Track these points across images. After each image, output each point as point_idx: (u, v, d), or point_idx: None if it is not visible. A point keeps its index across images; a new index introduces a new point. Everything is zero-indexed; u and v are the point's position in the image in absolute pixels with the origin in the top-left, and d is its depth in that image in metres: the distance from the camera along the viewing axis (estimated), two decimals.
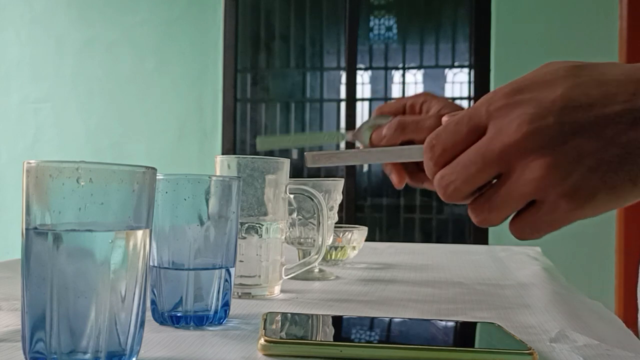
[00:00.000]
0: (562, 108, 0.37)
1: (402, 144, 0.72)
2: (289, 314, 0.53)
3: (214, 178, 0.54)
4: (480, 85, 3.09)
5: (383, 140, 0.71)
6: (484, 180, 0.40)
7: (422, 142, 0.73)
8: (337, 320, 0.52)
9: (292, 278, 0.74)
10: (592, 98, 0.37)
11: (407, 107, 0.74)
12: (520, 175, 0.38)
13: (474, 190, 0.41)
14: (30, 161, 0.38)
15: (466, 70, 3.27)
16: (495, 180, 0.41)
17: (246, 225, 0.65)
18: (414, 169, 0.72)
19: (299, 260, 0.74)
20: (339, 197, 0.84)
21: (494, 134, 0.39)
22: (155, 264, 0.52)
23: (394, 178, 0.72)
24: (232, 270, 0.55)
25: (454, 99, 3.35)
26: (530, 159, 0.37)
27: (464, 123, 0.40)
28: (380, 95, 3.39)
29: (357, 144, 0.76)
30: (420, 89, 3.43)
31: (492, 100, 0.39)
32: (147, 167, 0.40)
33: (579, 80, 0.38)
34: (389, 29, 3.39)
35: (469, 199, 0.42)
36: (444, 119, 0.44)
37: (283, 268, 0.69)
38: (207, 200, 0.53)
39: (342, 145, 2.99)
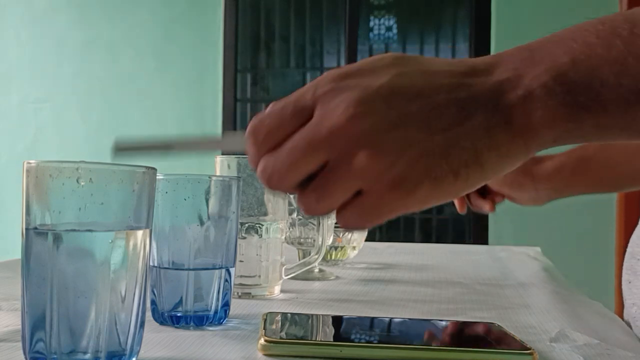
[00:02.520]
0: (388, 95, 0.36)
1: None
2: (289, 314, 0.53)
3: (214, 178, 0.54)
4: None
5: None
6: (311, 167, 0.37)
7: None
8: (337, 320, 0.52)
9: (292, 278, 0.74)
10: (418, 87, 0.36)
11: None
12: (347, 163, 0.36)
13: (302, 179, 0.38)
14: (30, 161, 0.38)
15: None
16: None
17: (246, 225, 0.65)
18: (475, 196, 0.80)
19: (299, 260, 0.74)
20: None
21: (320, 118, 0.37)
22: (155, 264, 0.52)
23: (457, 204, 0.78)
24: (232, 270, 0.55)
25: None
26: (355, 146, 0.36)
27: (289, 107, 0.38)
28: None
29: None
30: None
31: (319, 84, 0.38)
32: (147, 167, 0.40)
33: (406, 70, 0.37)
34: (389, 29, 3.39)
35: (296, 189, 0.39)
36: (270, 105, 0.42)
37: (283, 268, 0.69)
38: (207, 200, 0.53)
39: None
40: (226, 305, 0.54)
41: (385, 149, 0.36)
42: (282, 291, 0.70)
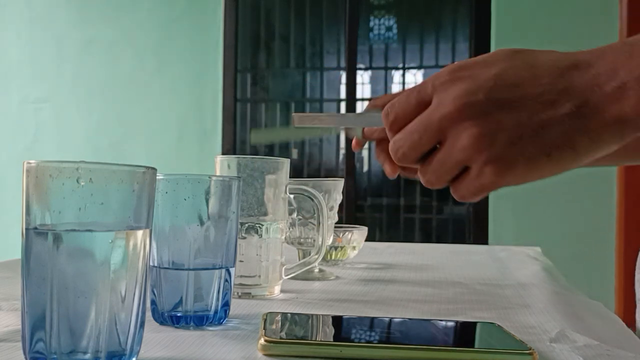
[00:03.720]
0: (493, 86, 0.42)
1: None
2: (289, 314, 0.53)
3: (214, 178, 0.54)
4: None
5: (375, 134, 0.71)
6: (427, 147, 0.45)
7: None
8: (337, 320, 0.52)
9: (292, 278, 0.74)
10: (521, 78, 0.42)
11: None
12: (454, 143, 0.43)
13: (421, 156, 0.46)
14: (30, 161, 0.38)
15: None
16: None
17: (246, 225, 0.65)
18: None
19: (299, 260, 0.74)
20: (339, 197, 0.84)
21: (435, 106, 0.44)
22: (155, 264, 0.52)
23: (387, 168, 0.74)
24: (232, 270, 0.55)
25: None
26: (461, 129, 0.42)
27: (413, 95, 0.46)
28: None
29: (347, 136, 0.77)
30: None
31: (438, 76, 0.45)
32: (147, 167, 0.40)
33: (514, 63, 0.42)
34: (389, 29, 3.39)
35: (417, 164, 0.47)
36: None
37: (283, 268, 0.69)
38: (207, 200, 0.53)
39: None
40: (226, 305, 0.54)
41: (485, 131, 0.41)
42: (282, 291, 0.70)
